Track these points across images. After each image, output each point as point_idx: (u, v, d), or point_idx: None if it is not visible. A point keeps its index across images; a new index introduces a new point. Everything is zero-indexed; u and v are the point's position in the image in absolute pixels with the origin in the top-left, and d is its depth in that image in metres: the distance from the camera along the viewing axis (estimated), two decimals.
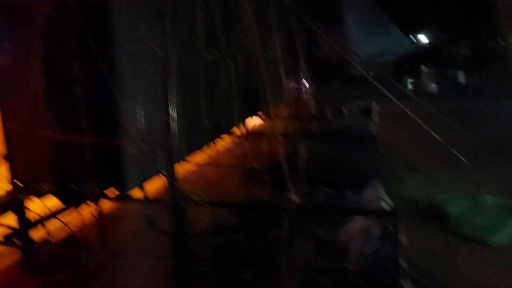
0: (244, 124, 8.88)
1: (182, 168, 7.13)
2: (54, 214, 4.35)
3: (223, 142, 7.01)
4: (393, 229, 3.10)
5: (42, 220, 4.29)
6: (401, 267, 3.53)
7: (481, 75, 16.27)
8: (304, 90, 9.33)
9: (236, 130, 6.34)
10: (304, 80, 10.23)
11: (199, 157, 8.08)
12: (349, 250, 3.93)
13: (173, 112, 3.67)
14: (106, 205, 4.53)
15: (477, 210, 5.21)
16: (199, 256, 3.92)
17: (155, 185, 4.62)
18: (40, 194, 4.22)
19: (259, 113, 7.65)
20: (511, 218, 4.97)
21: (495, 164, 7.64)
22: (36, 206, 4.37)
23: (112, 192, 4.10)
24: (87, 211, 4.21)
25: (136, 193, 4.11)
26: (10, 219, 4.26)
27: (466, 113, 12.79)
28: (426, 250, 4.51)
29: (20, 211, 4.11)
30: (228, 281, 3.59)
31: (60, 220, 4.35)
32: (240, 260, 3.90)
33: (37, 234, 4.42)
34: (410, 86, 20.26)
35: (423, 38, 20.24)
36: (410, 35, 21.27)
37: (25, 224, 4.13)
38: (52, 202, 4.43)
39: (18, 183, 4.13)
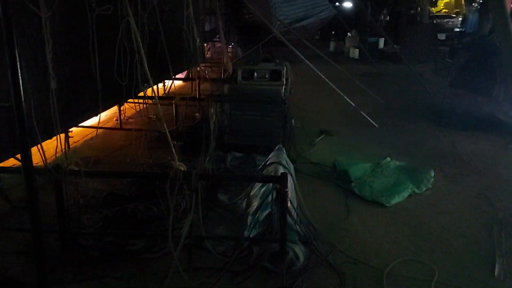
0: (157, 87, 8.45)
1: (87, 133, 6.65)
2: None
3: (135, 106, 6.56)
4: (283, 194, 3.06)
5: None
6: (290, 231, 3.56)
7: (398, 42, 17.00)
8: (225, 53, 9.03)
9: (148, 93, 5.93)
10: (225, 43, 9.91)
11: (109, 121, 7.58)
12: (243, 216, 3.89)
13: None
14: None
15: (378, 173, 5.44)
16: (84, 229, 3.64)
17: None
18: None
19: (174, 75, 7.26)
20: (407, 180, 5.25)
21: (403, 126, 8.09)
22: None
23: None
24: None
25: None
26: None
27: (381, 78, 13.42)
28: (325, 211, 4.65)
29: None
30: (114, 253, 3.38)
31: None
32: (129, 230, 3.70)
33: None
34: (332, 50, 20.75)
35: (348, 5, 20.59)
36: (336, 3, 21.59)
37: None
38: None
39: None
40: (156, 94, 5.06)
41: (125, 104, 6.84)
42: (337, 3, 22.08)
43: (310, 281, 3.41)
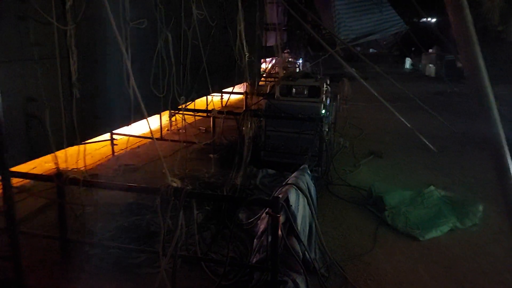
0: (207, 99, 8.65)
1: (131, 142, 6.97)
2: None
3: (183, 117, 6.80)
4: (274, 220, 2.89)
5: None
6: (294, 259, 3.36)
7: (485, 60, 15.64)
8: (279, 67, 9.05)
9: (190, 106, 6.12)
10: (282, 57, 9.91)
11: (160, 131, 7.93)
12: (247, 240, 3.76)
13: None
14: None
15: (418, 203, 4.96)
16: (93, 237, 3.79)
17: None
18: None
19: (220, 90, 7.41)
20: (450, 213, 4.72)
21: (466, 153, 7.35)
22: None
23: None
24: None
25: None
26: None
27: (454, 98, 12.40)
28: (349, 240, 4.33)
29: None
30: (115, 264, 3.46)
31: None
32: (138, 242, 3.76)
33: None
34: (408, 67, 19.68)
35: (432, 20, 19.52)
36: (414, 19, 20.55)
37: None
38: None
39: None
40: (203, 107, 5.11)
41: (177, 116, 7.12)
42: (420, 19, 21.03)
43: None
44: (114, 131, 6.24)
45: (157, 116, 7.06)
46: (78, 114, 3.58)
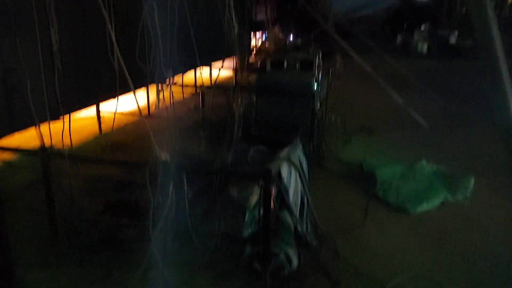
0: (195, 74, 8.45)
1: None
2: None
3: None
4: (267, 193, 2.84)
5: None
6: (287, 232, 3.33)
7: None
8: (269, 42, 8.88)
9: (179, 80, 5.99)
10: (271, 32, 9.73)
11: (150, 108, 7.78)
12: (238, 214, 3.72)
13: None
14: None
15: (409, 177, 4.95)
16: (82, 213, 3.71)
17: None
18: None
19: (208, 63, 7.24)
20: (441, 186, 4.73)
21: (458, 129, 7.34)
22: None
23: None
24: None
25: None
26: None
27: (447, 75, 12.37)
28: (341, 215, 4.32)
29: None
30: (104, 240, 3.40)
31: None
32: (127, 218, 3.70)
33: None
34: (400, 44, 19.53)
35: None
36: None
37: None
38: None
39: None
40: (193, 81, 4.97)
41: (165, 92, 6.98)
42: None
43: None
44: (100, 107, 6.07)
45: (144, 91, 6.90)
46: (61, 86, 3.44)
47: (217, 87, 5.62)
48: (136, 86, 5.98)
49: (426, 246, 3.80)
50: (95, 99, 4.79)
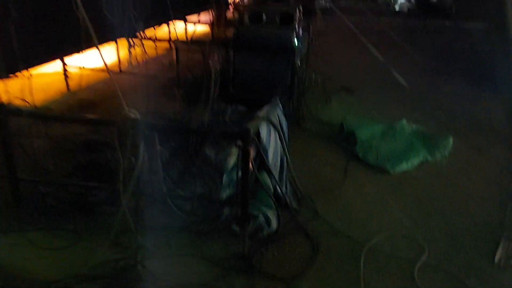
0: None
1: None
2: None
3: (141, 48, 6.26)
4: (245, 153, 2.69)
5: None
6: (265, 194, 3.23)
7: None
8: None
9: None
10: None
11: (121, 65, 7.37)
12: (216, 176, 3.58)
13: None
14: None
15: (389, 137, 4.89)
16: (49, 175, 3.49)
17: None
18: None
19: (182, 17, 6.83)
20: (421, 146, 4.69)
21: (438, 88, 7.29)
22: None
23: None
24: None
25: None
26: None
27: (428, 35, 12.22)
28: (321, 175, 4.25)
29: None
30: (73, 204, 3.22)
31: None
32: (97, 180, 3.50)
33: None
34: (381, 1, 19.16)
35: None
36: None
37: None
38: None
39: None
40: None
41: (137, 48, 6.58)
42: None
43: (279, 249, 3.09)
44: (67, 63, 5.66)
45: (114, 46, 6.47)
46: (19, 37, 3.10)
47: (193, 42, 5.29)
48: (104, 40, 5.62)
49: (404, 205, 3.79)
50: (59, 54, 4.41)
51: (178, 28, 7.93)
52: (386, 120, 5.43)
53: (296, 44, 5.29)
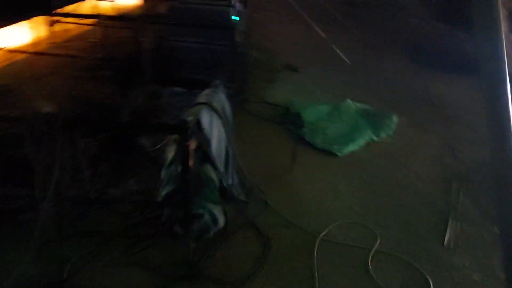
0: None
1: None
2: None
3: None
4: (184, 147, 2.38)
5: None
6: (210, 189, 2.94)
7: None
8: None
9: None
10: None
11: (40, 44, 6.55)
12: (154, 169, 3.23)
13: None
14: None
15: (335, 118, 4.77)
16: None
17: None
18: None
19: None
20: (366, 126, 4.61)
21: (379, 65, 7.29)
22: None
23: None
24: None
25: None
26: None
27: (368, 9, 12.28)
28: (269, 162, 4.03)
29: None
30: None
31: None
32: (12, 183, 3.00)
33: None
34: None
35: None
36: None
37: None
38: None
39: None
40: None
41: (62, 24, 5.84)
42: None
43: (228, 249, 2.85)
44: None
45: (33, 23, 5.69)
46: None
47: (123, 18, 4.74)
48: (15, 18, 4.89)
49: (354, 189, 3.69)
50: None
51: (106, 2, 7.19)
52: (331, 99, 5.30)
53: (234, 19, 4.93)
